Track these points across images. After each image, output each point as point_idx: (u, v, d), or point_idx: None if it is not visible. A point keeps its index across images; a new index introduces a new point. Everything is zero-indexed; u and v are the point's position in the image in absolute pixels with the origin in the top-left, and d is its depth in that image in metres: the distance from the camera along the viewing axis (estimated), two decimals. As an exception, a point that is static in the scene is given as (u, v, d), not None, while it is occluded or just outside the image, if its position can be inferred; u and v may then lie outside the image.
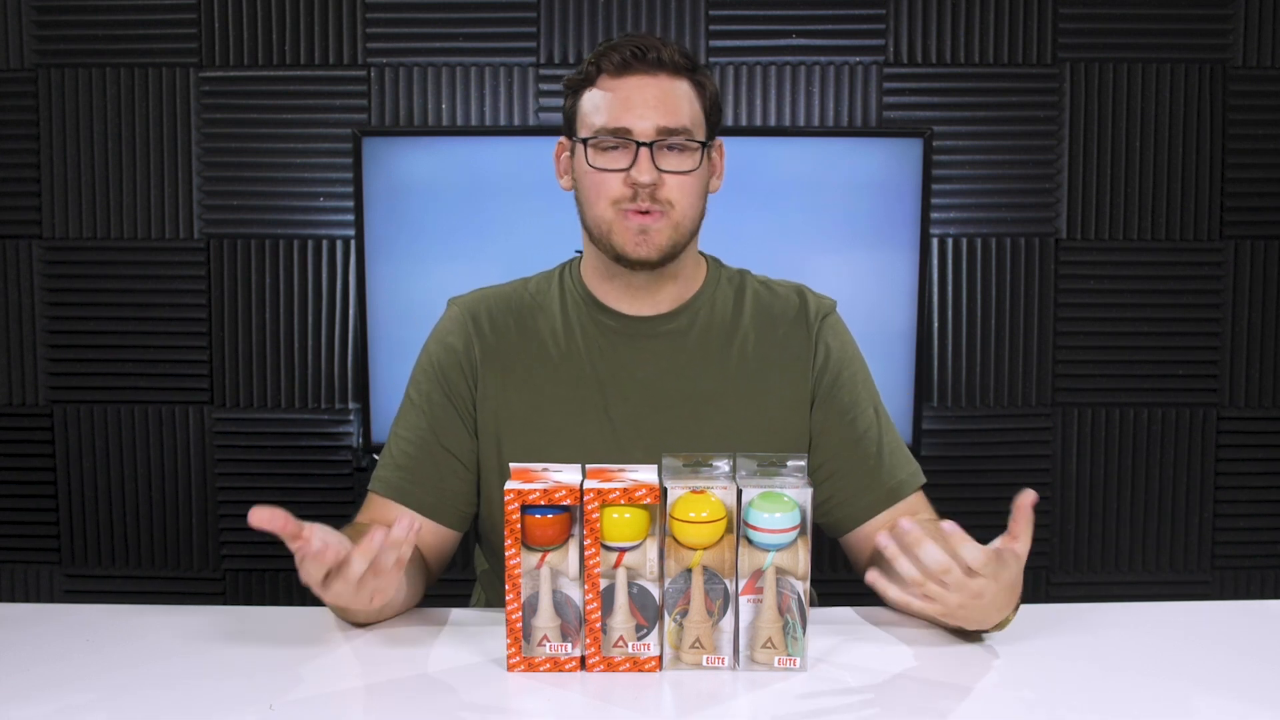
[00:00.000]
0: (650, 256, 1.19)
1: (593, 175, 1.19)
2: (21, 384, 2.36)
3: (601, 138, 1.18)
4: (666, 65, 1.18)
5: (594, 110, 1.19)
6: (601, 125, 1.18)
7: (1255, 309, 2.36)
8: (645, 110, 1.16)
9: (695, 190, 1.21)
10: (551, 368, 1.25)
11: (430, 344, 1.30)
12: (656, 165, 1.17)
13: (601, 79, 1.19)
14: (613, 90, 1.18)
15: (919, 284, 2.22)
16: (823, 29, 2.30)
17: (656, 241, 1.19)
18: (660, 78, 1.18)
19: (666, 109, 1.17)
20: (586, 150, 1.19)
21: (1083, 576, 2.40)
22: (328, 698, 0.94)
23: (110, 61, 2.29)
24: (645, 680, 0.97)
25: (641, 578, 0.98)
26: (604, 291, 1.27)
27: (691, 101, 1.19)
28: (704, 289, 1.29)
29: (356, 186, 2.20)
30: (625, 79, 1.18)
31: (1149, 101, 2.31)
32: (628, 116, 1.17)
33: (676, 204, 1.18)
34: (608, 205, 1.19)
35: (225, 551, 2.38)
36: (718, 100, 1.24)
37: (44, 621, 1.12)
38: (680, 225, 1.20)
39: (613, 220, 1.19)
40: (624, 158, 1.17)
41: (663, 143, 1.17)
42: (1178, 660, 1.03)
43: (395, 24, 2.30)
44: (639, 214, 1.18)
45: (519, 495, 0.96)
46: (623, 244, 1.19)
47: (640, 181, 1.16)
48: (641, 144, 1.16)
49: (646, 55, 1.17)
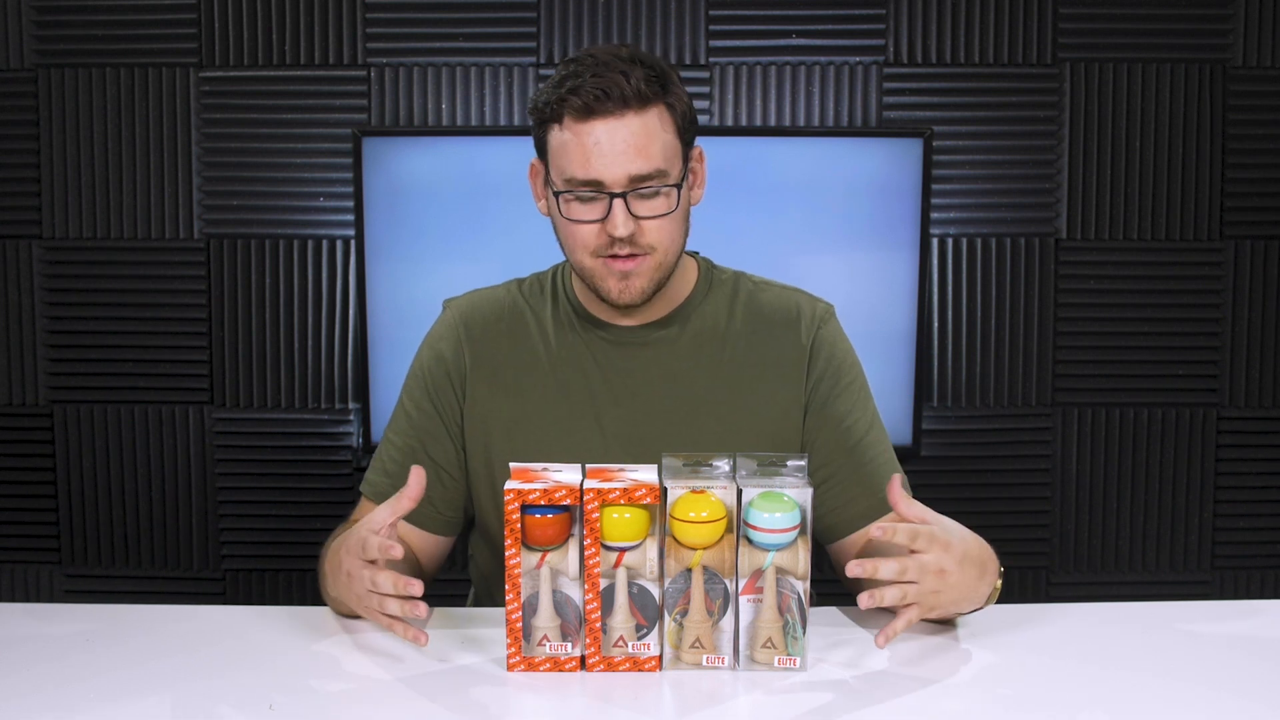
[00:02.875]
0: (635, 300, 1.18)
1: (569, 226, 1.16)
2: (21, 384, 2.36)
3: (574, 189, 1.13)
4: (632, 100, 1.11)
5: (563, 154, 1.13)
6: (572, 176, 1.13)
7: (1255, 309, 2.35)
8: (614, 158, 1.11)
9: (675, 227, 1.17)
10: (542, 375, 1.25)
11: (423, 349, 1.30)
12: (632, 213, 1.13)
13: (567, 121, 1.12)
14: (580, 135, 1.11)
15: (919, 284, 2.22)
16: (823, 29, 2.30)
17: (639, 286, 1.17)
18: (628, 117, 1.11)
19: (637, 152, 1.11)
20: (559, 201, 1.15)
21: (1083, 576, 2.40)
22: (328, 697, 0.94)
23: (110, 61, 2.29)
24: (645, 680, 0.97)
25: (641, 577, 0.98)
26: (593, 305, 1.26)
27: (663, 133, 1.13)
28: (694, 294, 1.28)
29: (356, 186, 2.20)
30: (591, 123, 1.11)
31: (1149, 101, 2.31)
32: (597, 166, 1.11)
33: (658, 246, 1.16)
34: (586, 254, 1.16)
35: (225, 551, 2.38)
36: (691, 113, 1.19)
37: (44, 621, 1.12)
38: (663, 264, 1.18)
39: (594, 267, 1.17)
40: (598, 208, 1.13)
41: (636, 190, 1.12)
42: (1178, 660, 1.03)
43: (395, 24, 2.30)
44: (620, 260, 1.15)
45: (519, 495, 0.96)
46: (607, 291, 1.17)
47: (616, 235, 1.13)
48: (614, 195, 1.12)
49: (611, 95, 1.10)
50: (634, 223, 1.13)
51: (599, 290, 1.18)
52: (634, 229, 1.13)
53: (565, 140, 1.13)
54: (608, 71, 1.11)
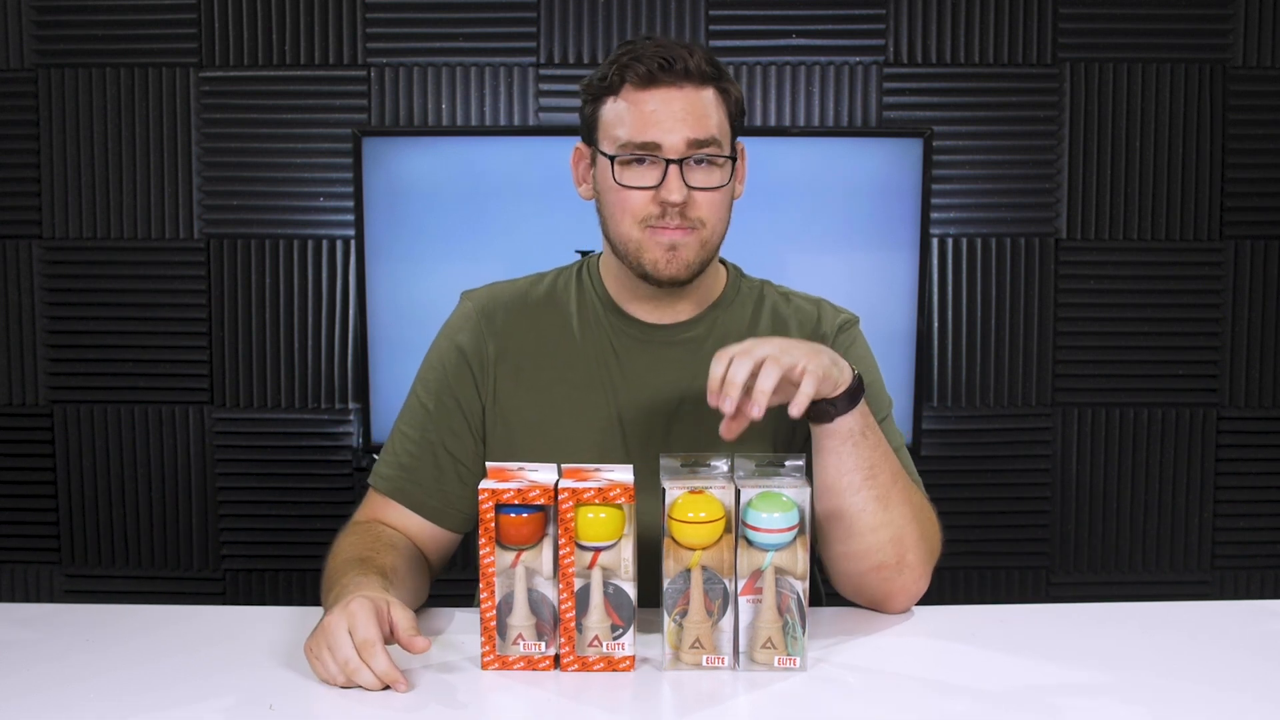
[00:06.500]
0: (679, 275, 1.17)
1: (619, 193, 1.16)
2: (21, 384, 2.36)
3: (628, 153, 1.14)
4: (693, 75, 1.13)
5: (618, 123, 1.15)
6: (628, 139, 1.13)
7: (1255, 309, 2.35)
8: (673, 124, 1.12)
9: (724, 204, 1.18)
10: (564, 369, 1.24)
11: (440, 340, 1.28)
12: (686, 182, 1.14)
13: (625, 90, 1.14)
14: (638, 103, 1.13)
15: (919, 284, 2.22)
16: (823, 29, 2.30)
17: (685, 258, 1.16)
18: (686, 89, 1.14)
19: (694, 121, 1.13)
20: (613, 166, 1.15)
21: (1083, 576, 2.40)
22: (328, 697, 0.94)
23: (110, 61, 2.29)
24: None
25: (617, 577, 0.98)
26: (624, 298, 1.25)
27: (718, 110, 1.16)
28: (723, 298, 1.28)
29: (356, 186, 2.20)
30: (651, 91, 1.13)
31: (1149, 101, 2.31)
32: (655, 131, 1.13)
33: (707, 221, 1.16)
34: (634, 224, 1.16)
35: (225, 551, 2.38)
36: (742, 105, 1.20)
37: (44, 621, 1.12)
38: (709, 242, 1.18)
39: (641, 239, 1.16)
40: (652, 174, 1.14)
41: (692, 157, 1.13)
42: (1178, 660, 1.03)
43: (395, 24, 2.30)
44: (669, 230, 1.15)
45: (493, 494, 0.96)
46: (652, 262, 1.17)
47: (670, 200, 1.13)
48: (670, 161, 1.13)
49: (674, 66, 1.12)
50: (687, 192, 1.14)
51: (643, 263, 1.17)
52: (686, 197, 1.14)
53: (621, 110, 1.15)
54: (670, 47, 1.14)
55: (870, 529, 1.10)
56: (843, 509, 1.10)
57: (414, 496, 1.22)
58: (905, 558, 1.11)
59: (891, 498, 1.11)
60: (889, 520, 1.10)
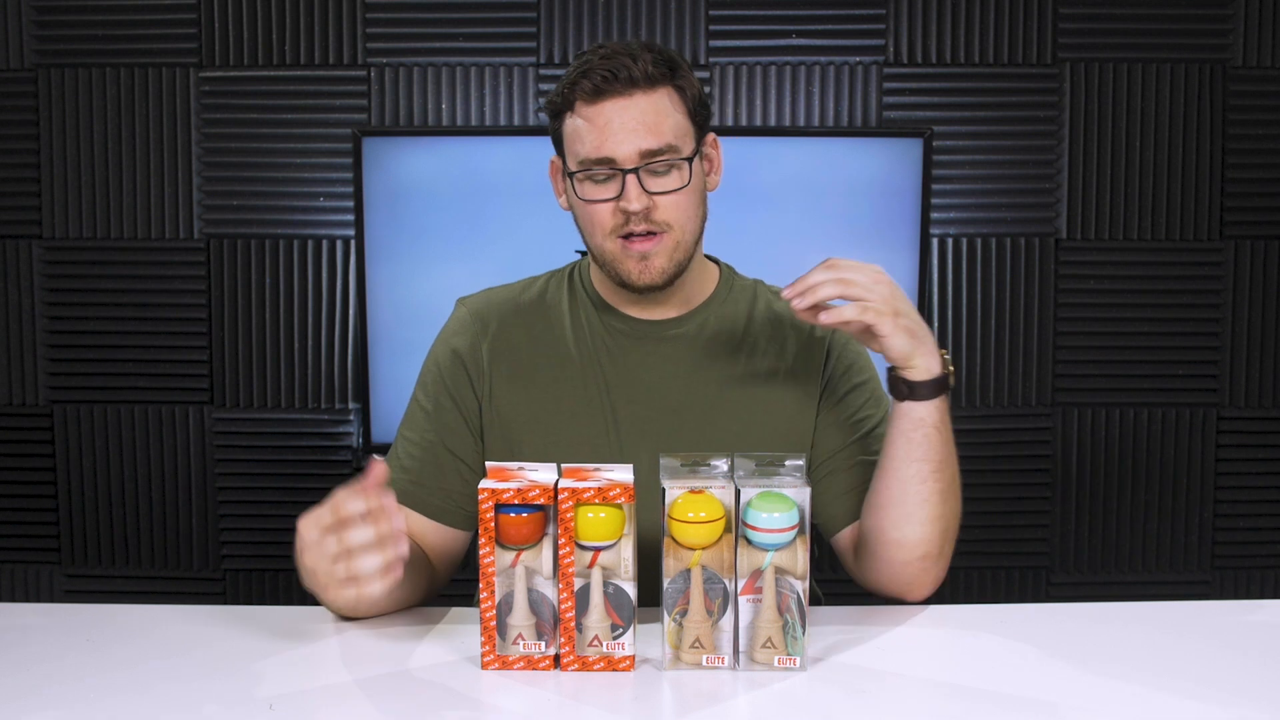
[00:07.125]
0: (655, 282, 1.19)
1: (585, 207, 1.18)
2: (21, 384, 2.36)
3: (587, 169, 1.16)
4: (640, 81, 1.14)
5: (576, 139, 1.16)
6: (585, 155, 1.15)
7: (1255, 309, 2.36)
8: (624, 135, 1.13)
9: (691, 204, 1.19)
10: (559, 369, 1.25)
11: (436, 346, 1.31)
12: (645, 189, 1.15)
13: (578, 106, 1.16)
14: (590, 118, 1.15)
15: (919, 284, 2.22)
16: (823, 29, 2.30)
17: (659, 266, 1.18)
18: (636, 96, 1.14)
19: (645, 130, 1.14)
20: (574, 183, 1.18)
21: (1083, 576, 2.40)
22: (328, 697, 0.94)
23: (110, 61, 2.29)
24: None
25: (617, 577, 0.98)
26: (613, 298, 1.27)
27: (673, 113, 1.16)
28: (715, 295, 1.29)
29: (356, 186, 2.20)
30: (601, 104, 1.14)
31: (1149, 101, 2.31)
32: (609, 144, 1.14)
33: (674, 223, 1.17)
34: (605, 236, 1.18)
35: (225, 551, 2.38)
36: (703, 98, 1.21)
37: (44, 621, 1.12)
38: (681, 243, 1.19)
39: (614, 251, 1.18)
40: (612, 187, 1.16)
41: (648, 166, 1.15)
42: (1178, 660, 1.03)
43: (395, 24, 2.30)
44: (638, 240, 1.16)
45: (493, 494, 0.96)
46: (627, 273, 1.19)
47: (630, 209, 1.15)
48: (626, 171, 1.14)
49: (619, 75, 1.13)
50: (647, 198, 1.15)
51: (619, 274, 1.19)
52: (648, 204, 1.15)
53: (577, 125, 1.16)
54: (616, 56, 1.15)
55: (929, 519, 1.13)
56: (905, 496, 1.13)
57: (417, 497, 1.23)
58: (945, 549, 1.16)
59: (951, 493, 1.15)
60: (944, 514, 1.14)
